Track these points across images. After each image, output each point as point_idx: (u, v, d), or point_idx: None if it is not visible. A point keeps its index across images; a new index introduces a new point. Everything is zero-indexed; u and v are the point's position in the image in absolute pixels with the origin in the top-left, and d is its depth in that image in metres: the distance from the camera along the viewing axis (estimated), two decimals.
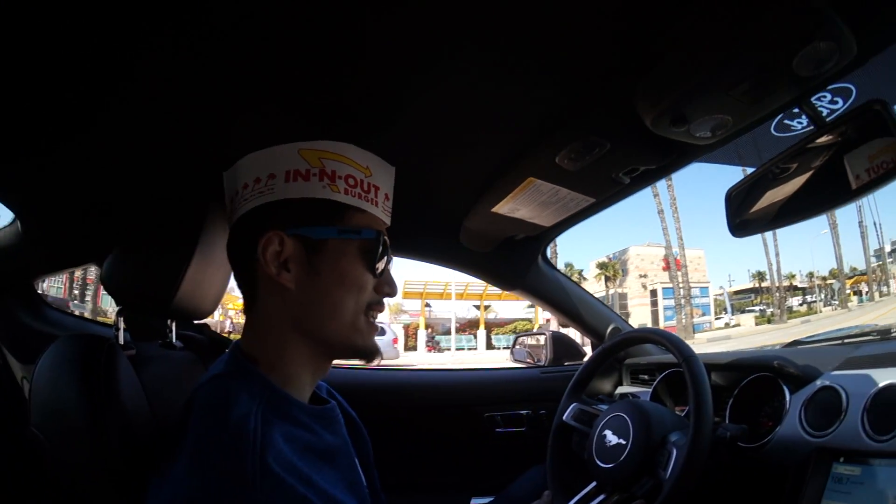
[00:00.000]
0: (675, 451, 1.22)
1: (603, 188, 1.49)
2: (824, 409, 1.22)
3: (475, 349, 37.64)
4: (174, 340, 1.38)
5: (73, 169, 1.43)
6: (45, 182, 1.48)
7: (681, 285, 39.75)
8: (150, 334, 1.36)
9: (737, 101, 1.03)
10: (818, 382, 1.28)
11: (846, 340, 1.55)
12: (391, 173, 1.08)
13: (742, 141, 1.30)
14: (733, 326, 44.11)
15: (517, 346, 2.80)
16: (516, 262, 2.17)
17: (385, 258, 1.02)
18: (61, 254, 1.81)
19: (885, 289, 49.59)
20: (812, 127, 1.10)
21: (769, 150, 1.21)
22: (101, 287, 1.47)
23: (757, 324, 42.83)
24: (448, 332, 40.26)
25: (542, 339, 2.57)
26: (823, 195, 1.10)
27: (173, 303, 1.17)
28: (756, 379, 1.47)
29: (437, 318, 42.91)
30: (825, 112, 1.07)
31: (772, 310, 44.88)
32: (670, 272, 40.62)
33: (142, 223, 1.33)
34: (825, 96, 1.12)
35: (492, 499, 1.63)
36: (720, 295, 59.21)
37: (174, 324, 1.38)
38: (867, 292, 48.51)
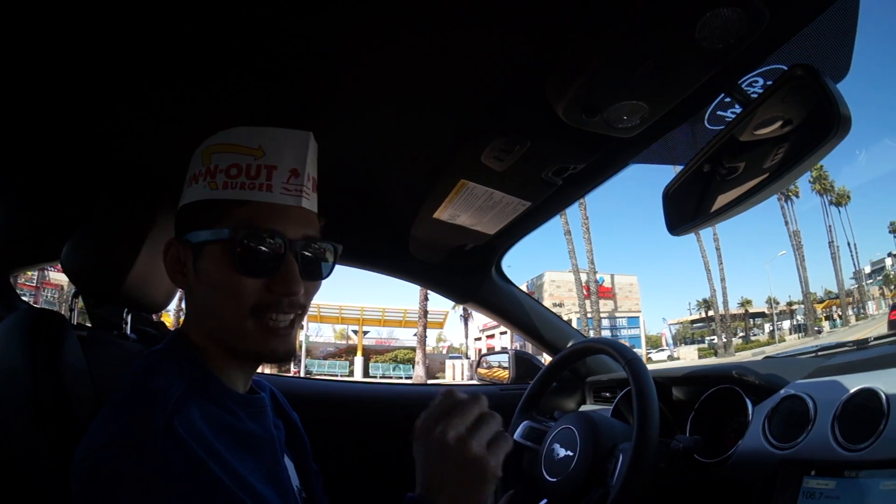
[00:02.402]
0: (621, 456, 1.20)
1: (536, 190, 1.47)
2: (790, 420, 1.19)
3: (349, 376, 34.02)
4: (128, 332, 1.41)
5: (33, 164, 1.50)
6: (9, 178, 1.56)
7: (595, 315, 35.26)
8: (110, 327, 1.40)
9: (645, 83, 0.99)
10: (782, 392, 1.25)
11: (819, 353, 1.51)
12: (299, 144, 0.96)
13: (676, 137, 1.29)
14: (674, 360, 40.40)
15: (483, 365, 2.75)
16: (468, 274, 2.15)
17: (271, 253, 0.91)
18: (30, 249, 1.85)
19: (862, 311, 48.02)
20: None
21: (704, 146, 1.17)
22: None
23: (700, 356, 39.88)
24: (327, 358, 39.21)
25: (506, 357, 2.53)
26: (761, 181, 1.02)
27: (123, 289, 1.23)
28: (719, 392, 1.43)
29: (315, 343, 41.38)
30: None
31: (724, 340, 41.53)
32: (591, 300, 35.80)
33: (100, 211, 1.34)
34: (757, 81, 1.08)
35: None
36: (675, 325, 57.33)
37: (129, 316, 1.41)
38: (840, 316, 46.81)
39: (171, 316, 20.61)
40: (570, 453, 1.29)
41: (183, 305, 1.08)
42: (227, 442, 0.85)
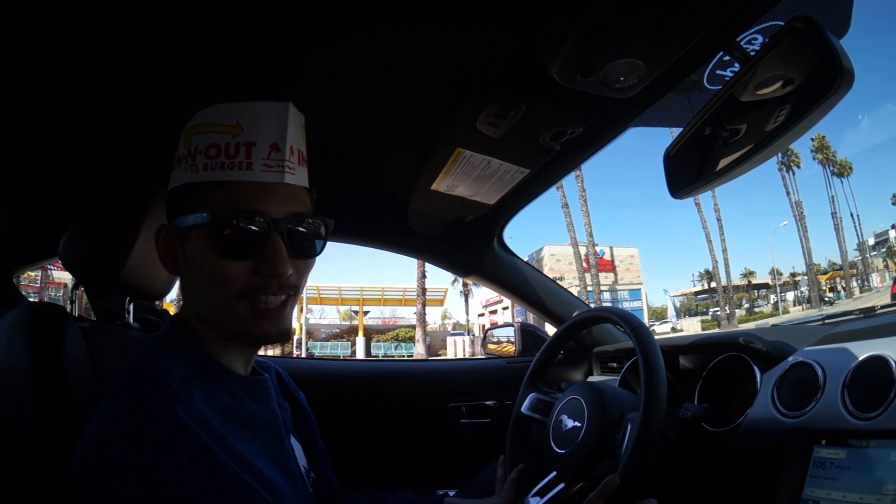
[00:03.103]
0: (629, 426, 1.18)
1: (534, 156, 1.46)
2: (799, 388, 1.16)
3: (350, 357, 33.17)
4: (131, 321, 1.44)
5: (27, 160, 1.51)
6: (10, 174, 1.57)
7: (595, 288, 34.72)
8: (114, 318, 1.43)
9: (640, 40, 0.97)
10: (791, 359, 1.23)
11: (826, 321, 1.49)
12: (277, 116, 0.92)
13: (675, 99, 1.27)
14: (677, 332, 36.90)
15: (490, 339, 2.75)
16: (470, 246, 2.14)
17: (254, 234, 0.89)
18: (33, 246, 1.87)
19: (865, 284, 47.33)
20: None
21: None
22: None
23: (704, 328, 38.18)
24: (329, 339, 39.28)
25: (512, 331, 2.52)
26: (762, 140, 1.00)
27: (122, 277, 1.24)
28: (727, 361, 1.41)
29: (317, 325, 41.58)
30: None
31: (728, 311, 40.87)
32: (591, 273, 35.18)
33: (95, 201, 1.35)
34: (756, 38, 1.05)
35: (455, 491, 1.58)
36: (678, 296, 57.01)
37: (132, 305, 1.44)
38: (844, 288, 45.98)
39: (173, 306, 20.70)
40: (578, 424, 1.27)
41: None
42: (230, 425, 0.85)
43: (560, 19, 0.97)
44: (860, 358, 1.07)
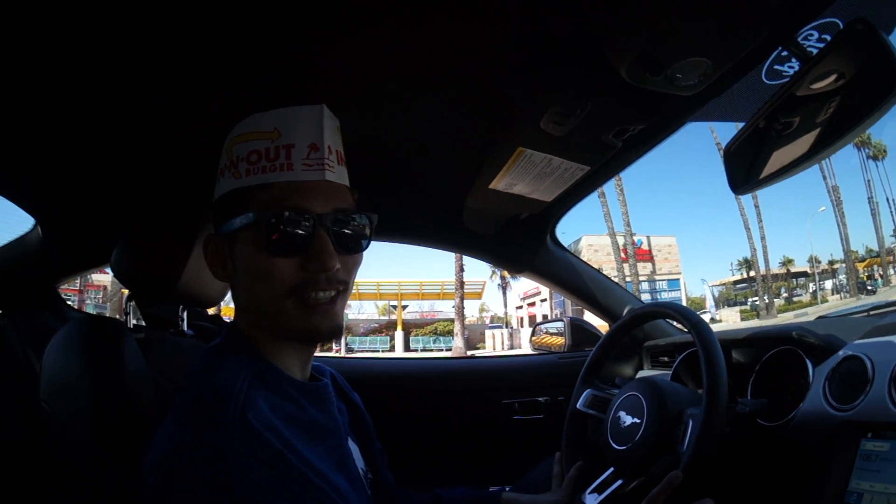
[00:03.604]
0: (691, 422, 1.17)
1: (595, 154, 1.45)
2: (849, 381, 1.16)
3: (389, 351, 35.46)
4: (185, 329, 1.45)
5: (87, 171, 1.52)
6: (63, 186, 1.58)
7: (634, 278, 34.43)
8: (166, 326, 1.44)
9: (709, 38, 0.98)
10: (841, 353, 1.22)
11: (871, 312, 1.50)
12: (313, 118, 0.95)
13: (735, 93, 1.25)
14: (716, 322, 36.36)
15: (537, 333, 2.75)
16: (524, 243, 2.15)
17: (299, 230, 0.91)
18: (80, 255, 1.90)
19: None
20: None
21: (763, 101, 1.15)
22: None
23: (743, 319, 38.12)
24: (368, 334, 39.36)
25: (561, 325, 2.52)
26: (822, 139, 1.01)
27: (178, 286, 1.26)
28: (779, 355, 1.41)
29: (356, 320, 41.62)
30: (815, 52, 1.00)
31: (766, 301, 40.03)
32: (629, 263, 35.00)
33: (148, 212, 1.40)
34: (812, 34, 1.05)
35: (510, 487, 1.58)
36: (717, 286, 55.53)
37: (185, 313, 1.45)
38: (882, 276, 44.13)
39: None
40: (637, 420, 1.26)
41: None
42: (294, 431, 0.86)
43: (632, 18, 0.98)
44: None
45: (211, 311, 1.68)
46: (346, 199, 0.98)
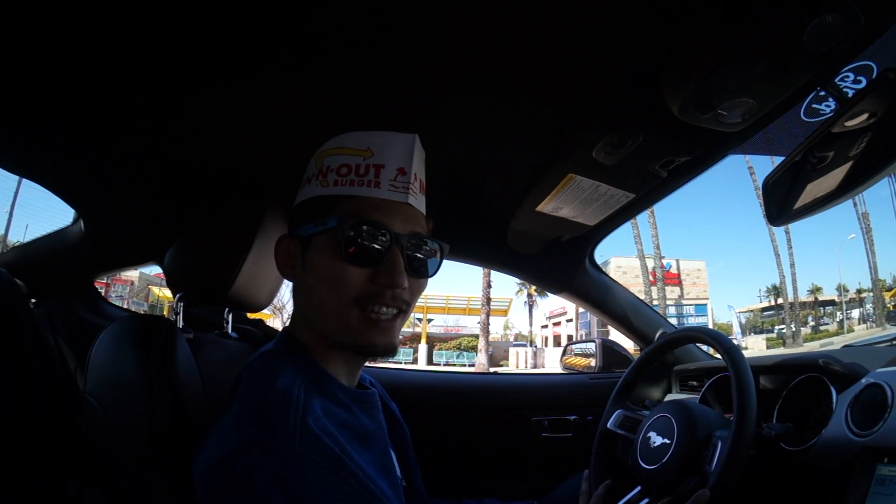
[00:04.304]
0: (720, 444, 1.20)
1: (641, 182, 1.49)
2: (870, 408, 1.18)
3: (412, 364, 34.74)
4: (230, 331, 1.46)
5: (135, 169, 1.53)
6: (107, 181, 1.59)
7: (661, 302, 33.69)
8: (207, 327, 1.45)
9: (756, 82, 1.03)
10: (864, 380, 1.25)
11: (895, 342, 1.52)
12: (406, 145, 1.00)
13: (774, 129, 1.30)
14: (743, 350, 35.91)
15: (569, 353, 2.77)
16: (564, 264, 2.18)
17: (376, 244, 0.94)
18: (122, 251, 1.92)
19: None
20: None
21: (801, 137, 1.20)
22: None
23: (769, 346, 37.61)
24: None
25: (592, 346, 2.54)
26: (856, 174, 1.06)
27: (230, 292, 1.26)
28: (804, 382, 1.43)
29: None
30: (851, 93, 1.05)
31: (793, 329, 38.68)
32: (657, 286, 34.70)
33: (203, 216, 1.39)
34: (848, 76, 1.12)
35: (536, 502, 1.60)
36: (745, 313, 54.62)
37: (230, 316, 1.47)
38: None
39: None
40: (668, 441, 1.29)
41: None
42: (347, 437, 0.88)
43: (687, 60, 1.03)
44: None
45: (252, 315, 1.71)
46: (422, 225, 1.02)
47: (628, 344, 2.50)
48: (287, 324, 1.10)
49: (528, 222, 1.80)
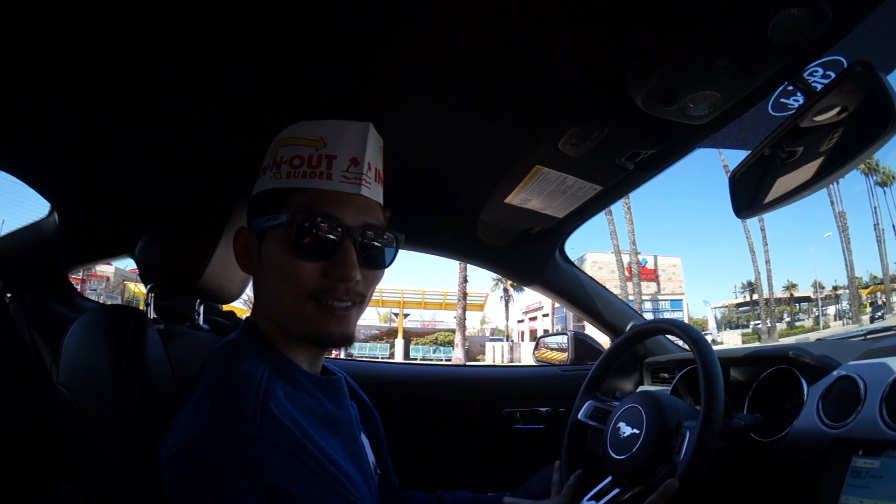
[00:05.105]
0: (688, 434, 1.22)
1: (608, 175, 1.50)
2: (842, 400, 1.20)
3: (389, 359, 34.51)
4: (201, 323, 1.46)
5: (108, 161, 1.52)
6: (81, 174, 1.58)
7: (637, 297, 34.17)
8: (180, 319, 1.44)
9: (720, 75, 1.03)
10: (835, 373, 1.27)
11: (868, 336, 1.53)
12: (359, 134, 1.00)
13: (742, 123, 1.32)
14: (717, 345, 35.62)
15: (541, 346, 2.78)
16: (533, 257, 2.18)
17: (328, 238, 0.95)
18: (96, 245, 1.91)
19: None
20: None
21: (769, 132, 1.21)
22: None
23: (745, 342, 37.14)
24: (368, 340, 38.85)
25: (564, 339, 2.55)
26: (821, 168, 1.08)
27: (200, 282, 1.26)
28: (775, 373, 1.45)
29: (359, 325, 40.49)
30: (819, 87, 1.06)
31: (769, 325, 39.75)
32: (633, 282, 35.07)
33: (174, 208, 1.39)
34: (817, 70, 1.12)
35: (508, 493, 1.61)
36: (720, 308, 55.40)
37: (202, 307, 1.47)
38: (885, 303, 42.48)
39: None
40: (637, 431, 1.30)
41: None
42: (311, 422, 0.89)
43: (651, 54, 1.04)
44: None
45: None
46: (378, 216, 1.02)
47: (604, 339, 2.50)
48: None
49: (497, 214, 1.81)
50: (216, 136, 1.43)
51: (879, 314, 37.32)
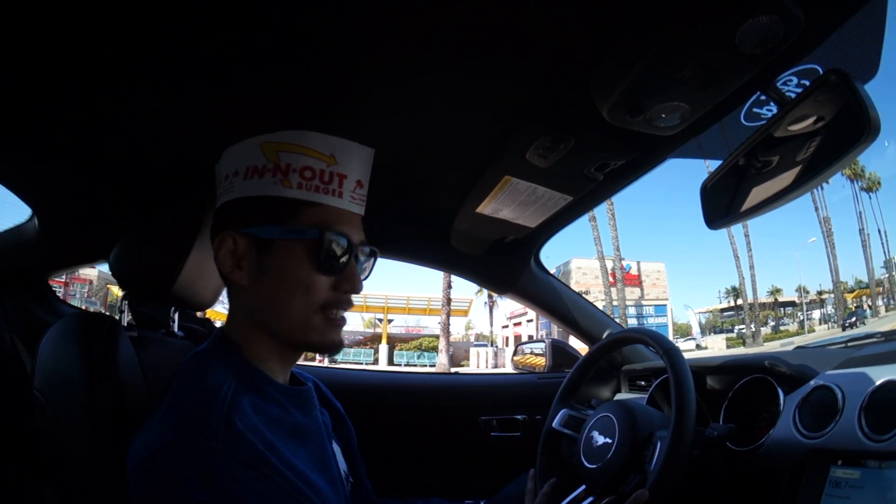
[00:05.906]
0: (659, 444, 1.21)
1: (577, 185, 1.50)
2: (820, 410, 1.19)
3: (373, 364, 34.92)
4: (176, 330, 1.47)
5: (85, 166, 1.51)
6: (60, 178, 1.57)
7: (621, 303, 34.66)
8: (156, 326, 1.45)
9: (686, 85, 1.03)
10: (812, 382, 1.26)
11: (849, 344, 1.52)
12: (365, 157, 1.06)
13: (713, 134, 1.31)
14: (701, 349, 37.71)
15: (518, 353, 2.78)
16: (509, 265, 2.18)
17: (341, 254, 1.00)
18: (75, 250, 1.90)
19: (891, 302, 44.72)
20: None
21: (741, 141, 1.19)
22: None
23: (729, 346, 38.48)
24: (352, 346, 38.84)
25: (543, 346, 2.55)
26: (795, 179, 1.07)
27: (173, 289, 1.26)
28: (752, 382, 1.44)
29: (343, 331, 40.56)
30: (794, 96, 1.04)
31: (753, 329, 39.63)
32: (617, 287, 35.32)
33: (146, 214, 1.39)
34: (792, 80, 1.11)
35: (483, 502, 1.60)
36: (704, 313, 55.68)
37: (177, 314, 1.47)
38: (870, 306, 43.41)
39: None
40: (609, 440, 1.30)
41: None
42: (277, 434, 0.90)
43: (615, 62, 1.03)
44: (877, 382, 1.10)
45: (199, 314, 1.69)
46: (363, 233, 1.07)
47: (584, 347, 2.50)
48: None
49: (470, 223, 1.82)
50: (188, 140, 1.42)
51: (851, 320, 37.66)
